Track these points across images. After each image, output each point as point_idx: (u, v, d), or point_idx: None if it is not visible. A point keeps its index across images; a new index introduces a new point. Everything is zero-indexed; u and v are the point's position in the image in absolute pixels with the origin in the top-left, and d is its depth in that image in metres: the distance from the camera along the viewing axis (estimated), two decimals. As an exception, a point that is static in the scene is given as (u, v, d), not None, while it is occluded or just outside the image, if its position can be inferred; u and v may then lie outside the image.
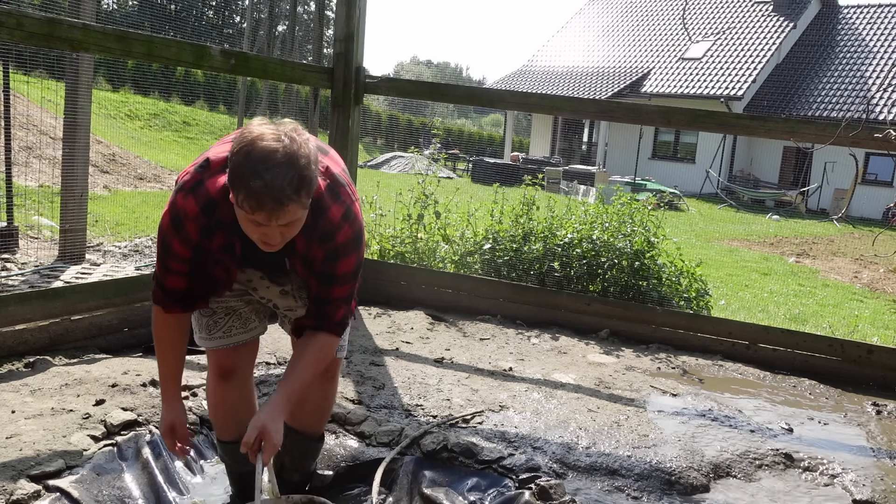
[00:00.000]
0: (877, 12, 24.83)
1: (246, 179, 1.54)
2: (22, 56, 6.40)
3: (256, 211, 1.56)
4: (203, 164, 1.79)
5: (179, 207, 1.76)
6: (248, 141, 1.57)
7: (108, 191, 9.22)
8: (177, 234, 1.78)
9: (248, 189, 1.54)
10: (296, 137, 1.60)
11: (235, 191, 1.58)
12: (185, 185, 1.77)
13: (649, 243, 4.65)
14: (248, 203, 1.56)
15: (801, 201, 20.59)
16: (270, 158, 1.54)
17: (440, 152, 6.23)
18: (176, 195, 1.78)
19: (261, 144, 1.55)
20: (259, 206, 1.55)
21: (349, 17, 4.10)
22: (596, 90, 24.92)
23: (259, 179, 1.52)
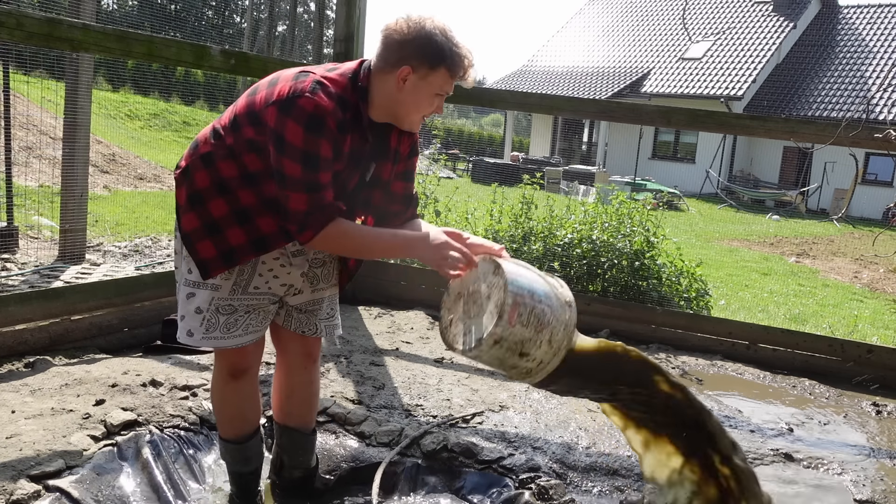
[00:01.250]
0: (877, 12, 24.83)
1: (454, 48, 1.82)
2: (22, 56, 6.40)
3: (465, 71, 1.85)
4: (301, 76, 1.80)
5: (311, 109, 1.73)
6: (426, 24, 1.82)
7: (108, 191, 9.22)
8: (321, 135, 1.74)
9: (459, 54, 1.83)
10: None
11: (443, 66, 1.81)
12: (302, 90, 1.75)
13: (649, 243, 4.65)
14: (456, 66, 1.83)
15: (801, 201, 20.59)
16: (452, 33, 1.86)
17: (440, 152, 6.23)
18: (295, 103, 1.73)
19: (441, 25, 1.85)
20: (469, 65, 1.85)
21: (349, 17, 4.10)
22: (596, 90, 24.93)
23: (461, 47, 1.84)
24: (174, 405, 2.64)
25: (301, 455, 2.28)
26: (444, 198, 5.31)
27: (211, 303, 1.96)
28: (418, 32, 1.81)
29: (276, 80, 1.85)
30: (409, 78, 1.81)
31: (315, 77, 1.79)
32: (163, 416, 2.56)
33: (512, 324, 1.63)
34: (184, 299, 1.99)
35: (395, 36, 1.82)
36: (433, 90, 1.85)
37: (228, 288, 1.96)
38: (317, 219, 1.79)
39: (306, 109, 1.72)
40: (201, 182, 1.89)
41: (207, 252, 1.91)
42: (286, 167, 1.75)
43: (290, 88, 1.76)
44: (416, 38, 1.81)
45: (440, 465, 2.50)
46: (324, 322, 2.17)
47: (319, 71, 1.84)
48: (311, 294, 2.12)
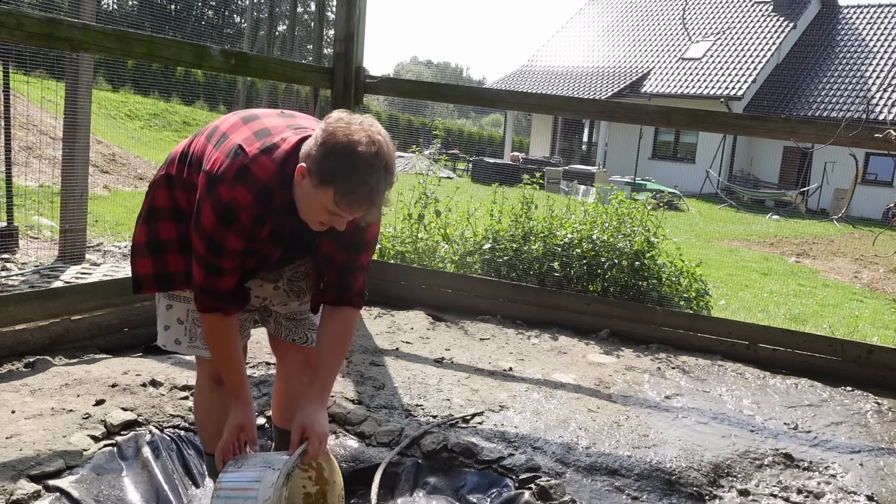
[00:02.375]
0: (877, 12, 24.83)
1: (352, 184, 1.60)
2: (22, 56, 6.39)
3: (353, 210, 1.65)
4: (237, 150, 1.71)
5: (227, 200, 1.68)
6: (343, 143, 1.61)
7: (108, 191, 9.22)
8: (229, 228, 1.70)
9: (353, 193, 1.61)
10: (384, 137, 1.66)
11: (332, 188, 1.61)
12: (226, 174, 1.68)
13: (649, 243, 4.65)
14: (345, 203, 1.62)
15: (801, 201, 20.59)
16: (374, 164, 1.61)
17: (440, 152, 6.24)
18: (216, 187, 1.69)
19: (360, 149, 1.60)
20: (358, 206, 1.64)
21: (349, 18, 4.10)
22: (596, 90, 24.93)
23: (365, 185, 1.61)
24: (174, 405, 2.64)
25: None
26: (445, 198, 5.31)
27: (188, 314, 2.02)
28: (328, 138, 1.62)
29: (223, 141, 1.78)
30: (305, 178, 1.66)
31: (245, 160, 1.70)
32: (163, 416, 2.56)
33: None
34: (164, 311, 2.04)
35: (322, 126, 1.66)
36: (321, 203, 1.65)
37: None
38: (204, 301, 1.83)
39: (222, 199, 1.69)
40: (160, 200, 1.92)
41: (144, 269, 1.96)
42: (194, 240, 1.77)
43: (220, 166, 1.71)
44: (324, 142, 1.62)
45: (440, 465, 2.50)
46: (312, 332, 2.15)
47: (255, 149, 1.72)
48: (297, 306, 2.12)
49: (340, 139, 1.60)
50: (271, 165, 1.71)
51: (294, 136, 1.75)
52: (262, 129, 1.78)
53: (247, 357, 2.24)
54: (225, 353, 1.92)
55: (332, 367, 1.91)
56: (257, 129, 1.78)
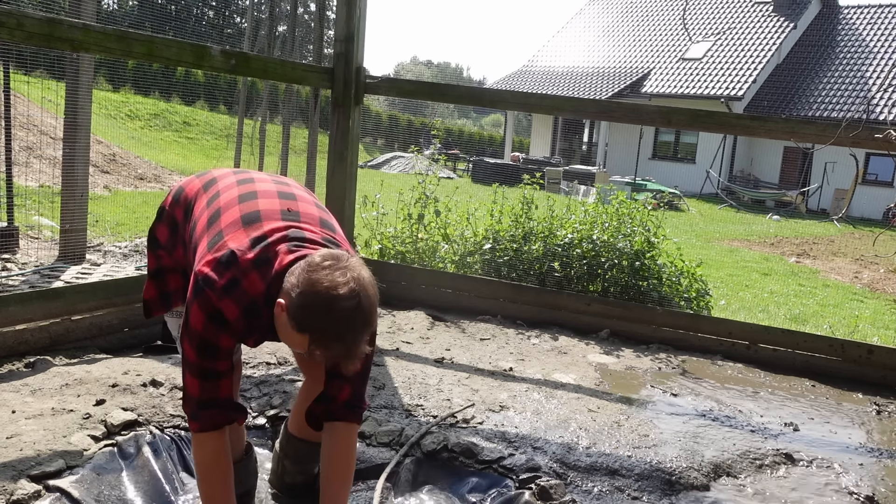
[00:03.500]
0: (877, 12, 24.84)
1: (327, 339, 1.56)
2: (22, 56, 6.40)
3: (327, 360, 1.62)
4: (229, 258, 1.67)
5: (217, 308, 1.65)
6: (322, 296, 1.54)
7: (108, 191, 9.22)
8: (223, 329, 1.67)
9: (327, 348, 1.57)
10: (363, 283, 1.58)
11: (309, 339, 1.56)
12: (216, 284, 1.65)
13: (649, 243, 4.65)
14: (320, 354, 1.58)
15: (802, 201, 20.59)
16: (351, 320, 1.55)
17: (440, 153, 6.24)
18: (205, 294, 1.65)
19: (339, 305, 1.53)
20: (332, 358, 1.60)
21: (349, 18, 4.10)
22: (596, 90, 24.93)
23: (341, 342, 1.56)
24: (174, 405, 2.64)
25: (306, 463, 2.26)
26: (445, 198, 5.31)
27: None
28: (308, 288, 1.55)
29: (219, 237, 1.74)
30: (283, 314, 1.60)
31: (236, 274, 1.66)
32: (163, 416, 2.56)
33: None
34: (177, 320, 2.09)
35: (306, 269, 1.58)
36: (299, 344, 1.61)
37: None
38: (212, 416, 1.75)
39: (211, 303, 1.65)
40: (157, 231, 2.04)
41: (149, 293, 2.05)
42: (185, 350, 1.71)
43: (210, 269, 1.67)
44: (303, 291, 1.55)
45: (440, 465, 2.50)
46: None
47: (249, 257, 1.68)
48: None
49: (320, 291, 1.54)
50: (261, 284, 1.66)
51: (288, 256, 1.67)
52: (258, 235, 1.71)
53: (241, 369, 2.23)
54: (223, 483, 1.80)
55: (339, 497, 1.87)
56: (253, 236, 1.71)
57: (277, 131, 11.32)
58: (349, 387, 1.87)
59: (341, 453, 1.91)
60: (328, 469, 1.90)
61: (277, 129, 11.61)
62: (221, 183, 1.93)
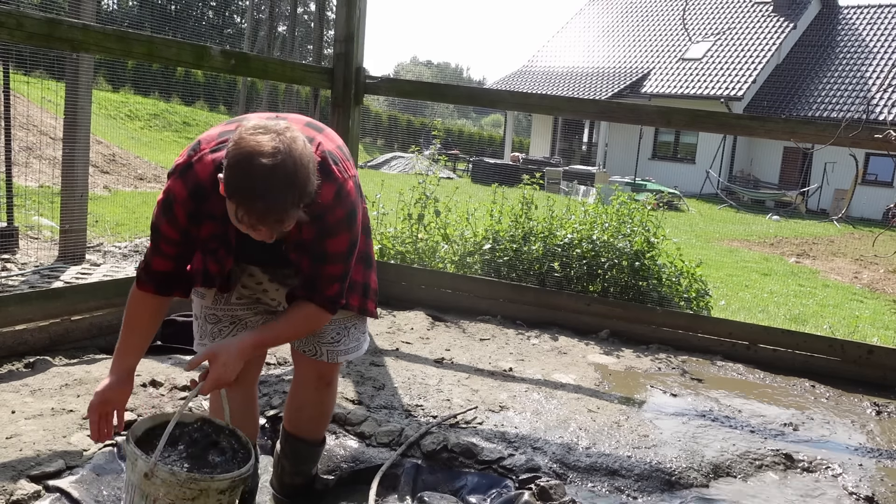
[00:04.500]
0: (877, 12, 24.84)
1: (247, 199, 1.52)
2: (22, 56, 6.40)
3: (257, 227, 1.56)
4: (194, 146, 1.77)
5: (170, 190, 1.75)
6: (244, 153, 1.52)
7: (108, 191, 9.22)
8: (165, 216, 1.77)
9: (250, 209, 1.53)
10: (293, 145, 1.55)
11: (234, 203, 1.55)
12: (178, 167, 1.76)
13: (649, 243, 4.65)
14: (247, 219, 1.55)
15: (802, 202, 20.59)
16: (271, 176, 1.50)
17: (440, 153, 6.24)
18: (169, 177, 1.78)
19: (259, 161, 1.50)
20: (260, 222, 1.55)
21: (349, 18, 4.10)
22: (596, 90, 24.93)
23: (261, 201, 1.51)
24: (174, 405, 2.64)
25: (305, 464, 2.25)
26: (444, 198, 5.31)
27: (201, 310, 2.05)
28: (232, 148, 1.54)
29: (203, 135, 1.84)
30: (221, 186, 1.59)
31: (192, 158, 1.74)
32: (163, 416, 2.55)
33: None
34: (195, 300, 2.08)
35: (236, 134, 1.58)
36: (233, 215, 1.59)
37: (211, 297, 2.02)
38: (139, 274, 1.88)
39: (165, 190, 1.77)
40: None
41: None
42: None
43: (178, 159, 1.79)
44: (228, 152, 1.55)
45: (440, 465, 2.50)
46: (325, 346, 2.08)
47: (210, 145, 1.75)
48: None
49: (243, 148, 1.52)
50: (210, 166, 1.70)
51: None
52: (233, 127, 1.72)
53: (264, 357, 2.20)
54: (127, 323, 1.90)
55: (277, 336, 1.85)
56: (227, 129, 1.78)
57: (277, 131, 11.30)
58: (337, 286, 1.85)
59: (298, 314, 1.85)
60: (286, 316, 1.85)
61: (277, 130, 11.59)
62: None
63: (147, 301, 1.89)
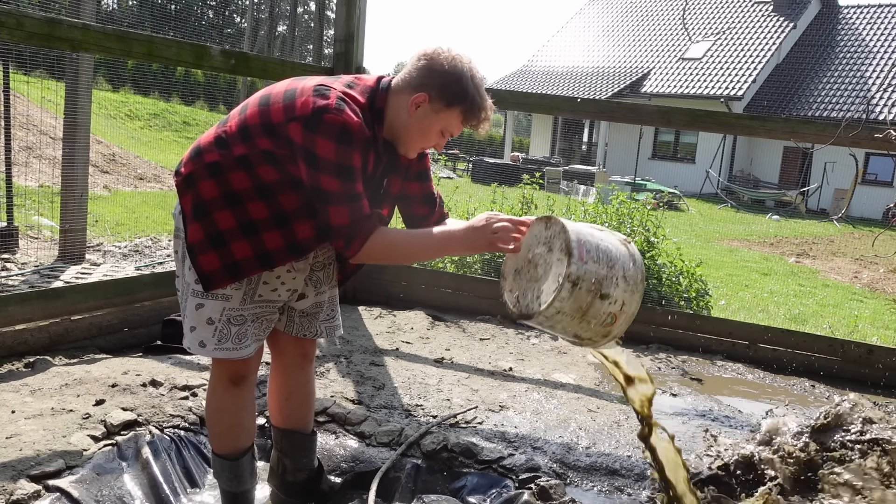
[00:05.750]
0: (877, 12, 24.84)
1: (478, 97, 1.84)
2: (22, 56, 6.40)
3: (478, 122, 1.87)
4: (321, 90, 1.78)
5: (340, 123, 1.72)
6: (462, 64, 1.84)
7: (108, 191, 9.22)
8: (352, 146, 1.75)
9: (479, 104, 1.84)
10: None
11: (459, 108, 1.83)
12: (328, 105, 1.74)
13: (649, 243, 4.65)
14: (471, 113, 1.84)
15: (801, 201, 20.60)
16: (483, 83, 1.88)
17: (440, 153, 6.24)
18: (323, 120, 1.72)
19: (475, 70, 1.85)
20: (484, 120, 1.87)
21: (349, 18, 4.10)
22: (596, 90, 24.93)
23: (486, 100, 1.86)
24: (174, 405, 2.64)
25: (304, 457, 2.26)
26: (444, 197, 5.31)
27: (223, 313, 1.91)
28: (452, 66, 1.83)
29: (294, 92, 1.81)
30: (422, 105, 1.83)
31: (337, 93, 1.78)
32: (163, 416, 2.56)
33: (584, 260, 1.61)
34: (192, 309, 1.92)
35: (426, 61, 1.84)
36: (440, 126, 1.86)
37: (239, 298, 1.92)
38: (360, 230, 1.80)
39: (335, 124, 1.73)
40: (207, 192, 1.83)
41: (211, 264, 1.86)
42: (323, 183, 1.75)
43: (314, 104, 1.75)
44: (446, 71, 1.82)
45: (440, 465, 2.50)
46: (324, 324, 2.16)
47: (339, 86, 1.82)
48: (314, 297, 2.10)
49: (457, 65, 1.83)
50: (361, 99, 1.83)
51: (368, 79, 1.91)
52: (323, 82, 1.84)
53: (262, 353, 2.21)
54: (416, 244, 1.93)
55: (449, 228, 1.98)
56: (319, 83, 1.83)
57: (277, 131, 11.30)
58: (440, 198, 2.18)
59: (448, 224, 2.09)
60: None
61: (277, 129, 11.60)
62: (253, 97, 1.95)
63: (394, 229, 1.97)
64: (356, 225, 1.79)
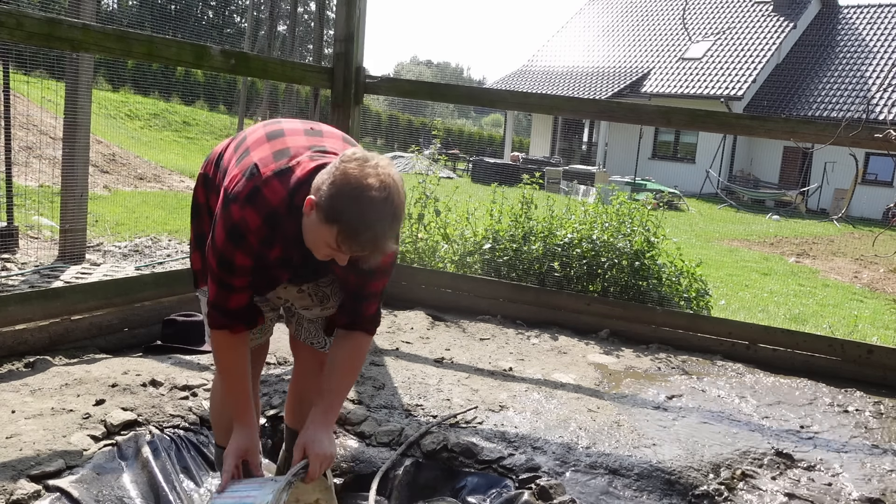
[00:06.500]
0: (877, 12, 24.84)
1: (356, 228, 1.57)
2: (22, 56, 6.40)
3: (353, 251, 1.61)
4: (251, 170, 1.72)
5: (237, 219, 1.70)
6: (356, 185, 1.57)
7: (108, 191, 9.22)
8: (238, 246, 1.72)
9: (356, 237, 1.58)
10: (397, 182, 1.62)
11: (335, 230, 1.58)
12: (239, 195, 1.70)
13: (649, 243, 4.65)
14: (347, 245, 1.59)
15: (801, 201, 20.60)
16: (381, 211, 1.58)
17: (440, 153, 6.24)
18: (229, 206, 1.71)
19: (369, 194, 1.56)
20: (360, 249, 1.61)
21: (349, 17, 4.10)
22: (596, 90, 24.93)
23: (369, 231, 1.57)
24: (174, 405, 2.64)
25: None
26: (444, 197, 5.31)
27: None
28: (339, 177, 1.58)
29: (244, 154, 1.79)
30: (312, 211, 1.62)
31: (257, 182, 1.70)
32: (163, 416, 2.56)
33: None
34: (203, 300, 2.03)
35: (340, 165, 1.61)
36: (324, 239, 1.63)
37: None
38: (214, 317, 1.84)
39: (233, 218, 1.70)
40: (199, 198, 2.00)
41: (196, 264, 2.02)
42: (208, 256, 1.80)
43: (235, 185, 1.72)
44: (334, 181, 1.58)
45: (440, 465, 2.50)
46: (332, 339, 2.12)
47: (271, 168, 1.72)
48: (320, 311, 2.11)
49: (352, 180, 1.57)
50: (282, 191, 1.70)
51: (310, 164, 1.72)
52: (282, 148, 1.77)
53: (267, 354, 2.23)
54: (231, 371, 1.90)
55: (339, 392, 1.91)
56: (277, 149, 1.77)
57: (277, 131, 11.30)
58: (376, 303, 1.95)
59: (355, 353, 1.96)
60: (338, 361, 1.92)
61: (277, 129, 11.60)
62: (250, 131, 1.96)
63: (240, 341, 1.88)
64: (214, 308, 1.83)
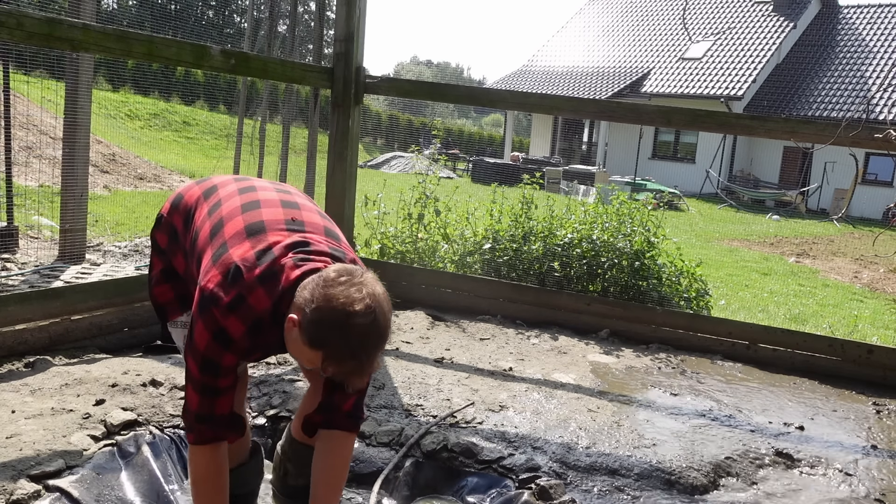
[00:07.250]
0: (877, 12, 24.85)
1: (341, 356, 1.53)
2: (22, 56, 6.40)
3: (338, 376, 1.58)
4: (233, 273, 1.64)
5: (222, 326, 1.63)
6: (341, 312, 1.51)
7: (108, 191, 9.22)
8: (226, 349, 1.65)
9: (341, 364, 1.54)
10: (383, 302, 1.58)
11: (321, 353, 1.54)
12: (220, 301, 1.62)
13: (649, 243, 4.65)
14: (331, 370, 1.56)
15: (801, 201, 20.60)
16: (366, 337, 1.53)
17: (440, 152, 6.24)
18: (210, 311, 1.63)
19: (356, 322, 1.51)
20: (344, 375, 1.57)
21: (349, 17, 4.10)
22: (596, 90, 24.93)
23: (355, 359, 1.54)
24: (174, 405, 2.64)
25: (308, 466, 2.24)
26: (445, 197, 5.31)
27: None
28: (324, 303, 1.52)
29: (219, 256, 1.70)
30: (294, 329, 1.57)
31: (241, 290, 1.63)
32: (163, 415, 2.56)
33: None
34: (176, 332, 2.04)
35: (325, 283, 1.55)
36: (307, 358, 1.59)
37: None
38: (202, 431, 1.74)
39: (216, 322, 1.63)
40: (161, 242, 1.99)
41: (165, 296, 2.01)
42: (188, 361, 1.71)
43: (215, 286, 1.64)
44: (319, 306, 1.52)
45: (440, 465, 2.50)
46: None
47: (255, 273, 1.64)
48: None
49: (336, 307, 1.51)
50: (267, 301, 1.63)
51: (294, 271, 1.64)
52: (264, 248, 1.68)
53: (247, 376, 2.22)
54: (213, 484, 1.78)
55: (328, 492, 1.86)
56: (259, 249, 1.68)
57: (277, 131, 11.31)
58: (353, 398, 1.86)
59: (337, 460, 1.90)
60: (321, 474, 1.88)
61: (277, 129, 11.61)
62: (223, 191, 1.89)
63: (224, 452, 1.79)
64: (199, 419, 1.73)
